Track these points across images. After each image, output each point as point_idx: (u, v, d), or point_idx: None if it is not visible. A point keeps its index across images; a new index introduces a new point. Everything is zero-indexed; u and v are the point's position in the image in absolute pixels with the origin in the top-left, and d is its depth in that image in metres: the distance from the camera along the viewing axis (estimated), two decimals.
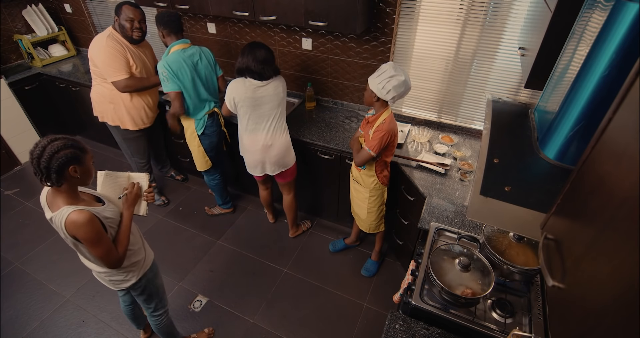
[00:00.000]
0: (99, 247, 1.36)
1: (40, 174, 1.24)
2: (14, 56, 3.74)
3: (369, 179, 2.09)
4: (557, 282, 0.76)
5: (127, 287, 1.64)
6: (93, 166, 1.40)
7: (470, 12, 2.07)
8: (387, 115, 1.88)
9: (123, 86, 2.41)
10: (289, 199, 2.62)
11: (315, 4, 2.04)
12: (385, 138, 1.86)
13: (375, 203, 2.19)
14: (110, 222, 1.43)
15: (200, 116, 2.45)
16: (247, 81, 2.09)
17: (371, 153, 1.90)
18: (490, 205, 1.11)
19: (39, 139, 1.27)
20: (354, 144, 2.07)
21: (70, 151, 1.26)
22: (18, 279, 2.61)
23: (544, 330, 1.33)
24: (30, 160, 1.25)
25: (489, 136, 1.35)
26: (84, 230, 1.30)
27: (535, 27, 1.43)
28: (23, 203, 3.26)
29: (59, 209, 1.31)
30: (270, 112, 2.16)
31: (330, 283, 2.55)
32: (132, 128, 2.68)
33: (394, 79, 1.74)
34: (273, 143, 2.23)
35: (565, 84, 1.08)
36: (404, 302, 1.54)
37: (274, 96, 2.13)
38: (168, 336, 2.03)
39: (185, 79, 2.27)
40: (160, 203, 3.21)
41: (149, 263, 1.71)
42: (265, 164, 2.32)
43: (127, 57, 2.40)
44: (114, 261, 1.43)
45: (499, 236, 1.52)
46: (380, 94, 1.80)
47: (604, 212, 0.65)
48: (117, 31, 2.40)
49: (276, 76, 2.15)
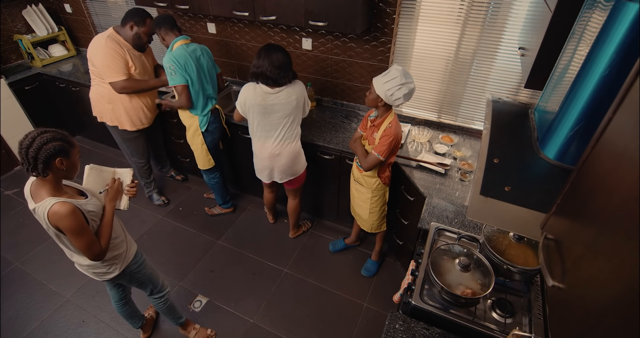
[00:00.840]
0: (82, 238, 1.39)
1: (27, 164, 1.28)
2: (14, 56, 3.74)
3: (371, 180, 2.09)
4: (557, 282, 0.76)
5: (112, 278, 1.68)
6: (79, 161, 1.44)
7: (470, 12, 2.07)
8: (392, 118, 1.87)
9: (120, 87, 2.41)
10: (294, 204, 2.62)
11: (315, 4, 2.04)
12: (393, 142, 1.86)
13: (377, 203, 2.19)
14: (92, 215, 1.46)
15: (205, 112, 2.45)
16: (258, 86, 2.01)
17: (380, 158, 1.89)
18: (490, 205, 1.11)
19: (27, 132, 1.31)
20: (357, 147, 2.04)
21: (59, 144, 1.31)
22: (18, 279, 2.61)
23: (544, 330, 1.33)
24: (19, 150, 1.28)
25: (489, 136, 1.35)
26: (67, 221, 1.33)
27: (535, 27, 1.43)
28: (23, 203, 3.26)
29: (42, 200, 1.34)
30: (280, 121, 2.07)
31: (330, 283, 2.55)
32: (130, 129, 2.68)
33: (405, 87, 1.72)
34: (281, 152, 2.17)
35: (565, 84, 1.08)
36: (404, 302, 1.54)
37: (285, 105, 2.03)
38: (170, 316, 2.12)
39: (192, 73, 2.28)
40: (160, 203, 3.21)
41: (131, 255, 1.74)
42: (273, 171, 2.29)
43: (127, 58, 2.39)
44: (97, 253, 1.46)
45: (499, 236, 1.52)
46: (388, 100, 1.78)
47: (604, 212, 0.65)
48: (120, 34, 2.39)
49: (292, 82, 2.03)
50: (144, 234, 2.96)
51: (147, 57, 2.58)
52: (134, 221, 3.04)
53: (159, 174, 3.50)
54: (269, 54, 1.94)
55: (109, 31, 2.39)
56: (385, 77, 1.76)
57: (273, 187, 2.62)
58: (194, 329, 2.23)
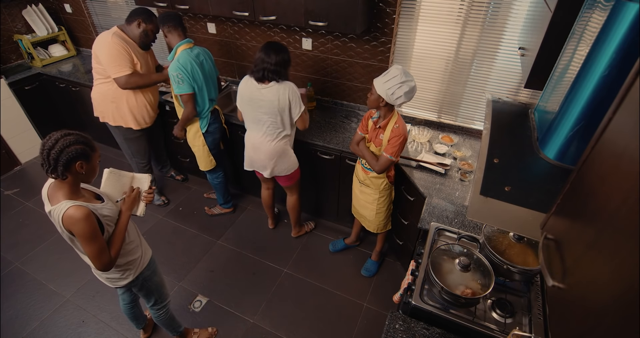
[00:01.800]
0: (92, 245, 1.37)
1: (48, 165, 1.28)
2: (14, 56, 3.74)
3: (378, 180, 2.08)
4: (557, 282, 0.76)
5: (124, 285, 1.66)
6: (98, 165, 1.44)
7: (470, 12, 2.07)
8: (397, 118, 1.86)
9: (124, 82, 2.41)
10: (292, 201, 2.62)
11: (315, 4, 2.04)
12: (403, 142, 1.85)
13: (384, 203, 2.19)
14: (107, 220, 1.44)
15: (205, 114, 2.45)
16: (249, 80, 2.08)
17: (393, 159, 1.88)
18: (490, 205, 1.11)
19: (52, 132, 1.31)
20: (365, 151, 1.98)
21: (81, 147, 1.31)
22: (18, 279, 2.61)
23: (544, 330, 1.33)
24: (40, 151, 1.28)
25: (489, 136, 1.35)
26: (80, 225, 1.31)
27: (535, 27, 1.43)
28: (23, 203, 3.26)
29: (58, 203, 1.33)
30: (263, 117, 2.10)
31: (330, 283, 2.55)
32: (135, 127, 2.68)
33: (405, 85, 1.71)
34: (260, 147, 2.21)
35: (565, 84, 1.08)
36: (404, 302, 1.54)
37: (268, 103, 2.03)
38: (168, 327, 2.07)
39: (199, 80, 2.30)
40: (160, 203, 3.21)
41: (145, 261, 1.72)
42: (254, 163, 2.32)
43: (132, 55, 2.41)
44: (105, 262, 1.42)
45: (499, 236, 1.52)
46: (389, 100, 1.77)
47: (604, 212, 0.65)
48: (125, 32, 2.40)
49: (281, 82, 2.02)
50: (144, 234, 2.95)
51: (150, 57, 2.59)
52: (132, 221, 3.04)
53: (159, 174, 3.50)
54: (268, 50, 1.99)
55: (114, 29, 2.40)
56: (385, 77, 1.75)
57: (268, 183, 2.62)
58: (195, 334, 2.21)
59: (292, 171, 2.34)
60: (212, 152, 2.62)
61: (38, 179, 3.58)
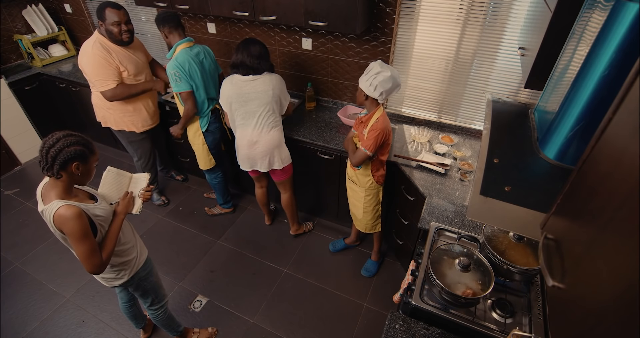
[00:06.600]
0: (83, 245, 1.35)
1: (45, 163, 1.29)
2: (14, 56, 3.74)
3: (364, 178, 2.09)
4: (557, 282, 0.76)
5: (120, 285, 1.67)
6: (94, 169, 1.44)
7: (470, 12, 2.07)
8: (380, 114, 1.88)
9: (111, 96, 2.39)
10: (286, 198, 2.62)
11: (315, 4, 2.04)
12: (380, 136, 1.86)
13: (370, 203, 2.19)
14: (100, 220, 1.44)
15: (205, 113, 2.45)
16: (234, 77, 2.11)
17: (367, 153, 1.90)
18: (490, 205, 1.11)
19: (55, 131, 1.32)
20: (349, 145, 2.07)
21: (80, 149, 1.32)
22: (18, 279, 2.61)
23: (544, 330, 1.33)
24: (40, 148, 1.29)
25: (489, 136, 1.35)
26: (70, 224, 1.32)
27: (535, 27, 1.43)
28: (23, 203, 3.27)
29: (50, 202, 1.34)
30: (257, 108, 2.14)
31: (330, 283, 2.55)
32: (137, 130, 2.68)
33: (380, 75, 1.76)
34: (258, 140, 2.22)
35: (565, 84, 1.08)
36: (404, 302, 1.54)
37: (261, 93, 2.10)
38: (167, 328, 2.06)
39: (196, 78, 2.29)
40: (160, 203, 3.21)
41: (141, 261, 1.72)
42: (253, 160, 2.32)
43: (116, 63, 2.35)
44: (96, 264, 1.39)
45: (499, 236, 1.52)
46: (368, 92, 1.81)
47: (604, 212, 0.65)
48: (105, 36, 2.33)
49: (270, 73, 2.13)
50: (144, 234, 2.96)
51: (137, 53, 2.50)
52: (134, 221, 3.04)
53: (160, 174, 3.49)
54: (247, 46, 2.06)
55: (95, 36, 2.34)
56: (365, 72, 1.83)
57: (261, 181, 2.62)
58: (195, 334, 2.21)
59: (288, 163, 2.37)
60: (212, 151, 2.62)
61: (38, 179, 3.56)
